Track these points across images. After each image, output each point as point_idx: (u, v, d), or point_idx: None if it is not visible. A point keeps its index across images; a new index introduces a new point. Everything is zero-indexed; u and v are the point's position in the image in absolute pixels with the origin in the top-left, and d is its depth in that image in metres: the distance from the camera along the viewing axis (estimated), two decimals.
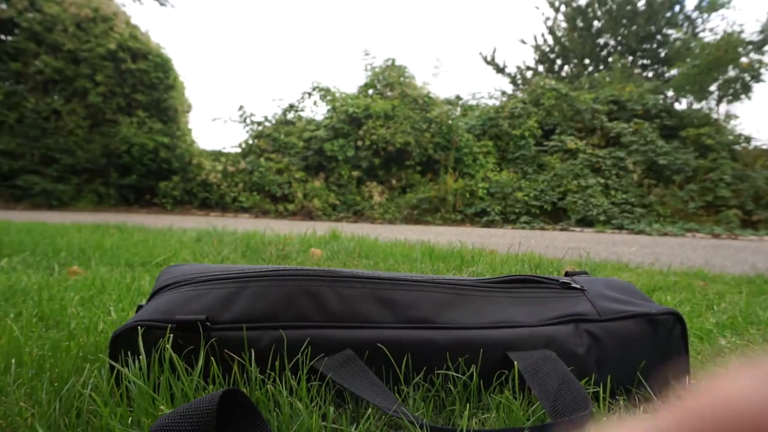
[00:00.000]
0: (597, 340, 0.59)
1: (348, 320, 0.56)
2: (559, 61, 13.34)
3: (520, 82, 12.89)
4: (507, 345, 0.57)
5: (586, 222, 7.17)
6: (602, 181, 7.59)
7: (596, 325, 0.60)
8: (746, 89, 8.22)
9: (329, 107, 8.66)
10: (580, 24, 12.70)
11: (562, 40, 13.00)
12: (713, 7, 10.05)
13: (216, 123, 13.09)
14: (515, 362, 0.54)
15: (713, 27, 11.61)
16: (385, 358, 0.54)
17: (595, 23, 12.63)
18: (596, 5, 12.45)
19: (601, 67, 12.40)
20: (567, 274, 0.74)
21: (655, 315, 0.60)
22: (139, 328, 0.52)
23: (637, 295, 0.67)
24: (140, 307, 0.60)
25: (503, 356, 0.56)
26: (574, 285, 0.65)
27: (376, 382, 0.50)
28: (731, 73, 8.15)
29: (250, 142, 8.55)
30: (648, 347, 0.60)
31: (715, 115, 8.50)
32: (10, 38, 8.04)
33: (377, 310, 0.58)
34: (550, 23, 13.30)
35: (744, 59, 7.99)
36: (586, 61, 12.94)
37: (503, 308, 0.61)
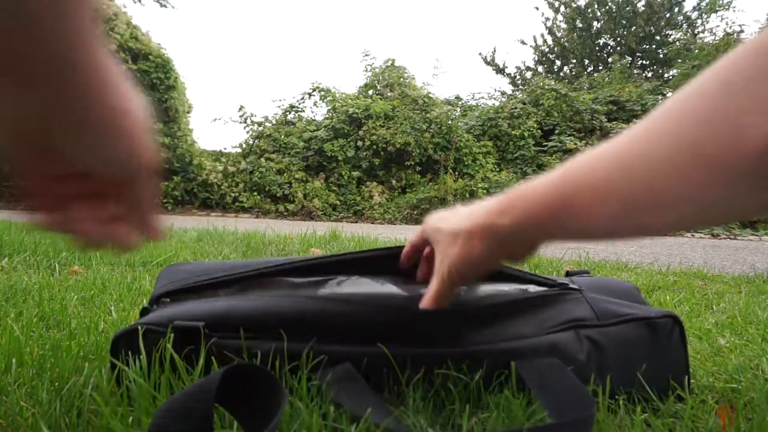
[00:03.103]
0: (597, 346, 0.58)
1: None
2: (558, 62, 13.35)
3: (519, 82, 12.90)
4: (512, 353, 0.56)
5: None
6: None
7: (596, 330, 0.59)
8: None
9: (329, 108, 8.67)
10: (580, 24, 12.71)
11: (562, 40, 13.01)
12: (713, 8, 10.05)
13: (216, 123, 13.10)
14: (514, 366, 0.53)
15: (713, 28, 11.61)
16: (386, 366, 0.54)
17: (595, 24, 12.64)
18: (596, 6, 12.46)
19: (601, 67, 12.41)
20: (568, 274, 0.74)
21: (654, 318, 0.60)
22: (139, 327, 0.52)
23: (634, 298, 0.67)
24: (144, 309, 0.60)
25: (507, 363, 0.55)
26: (572, 286, 0.65)
27: (376, 401, 0.48)
28: None
29: (251, 142, 8.55)
30: (648, 350, 0.59)
31: None
32: None
33: None
34: (549, 24, 13.32)
35: None
36: (586, 61, 12.95)
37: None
